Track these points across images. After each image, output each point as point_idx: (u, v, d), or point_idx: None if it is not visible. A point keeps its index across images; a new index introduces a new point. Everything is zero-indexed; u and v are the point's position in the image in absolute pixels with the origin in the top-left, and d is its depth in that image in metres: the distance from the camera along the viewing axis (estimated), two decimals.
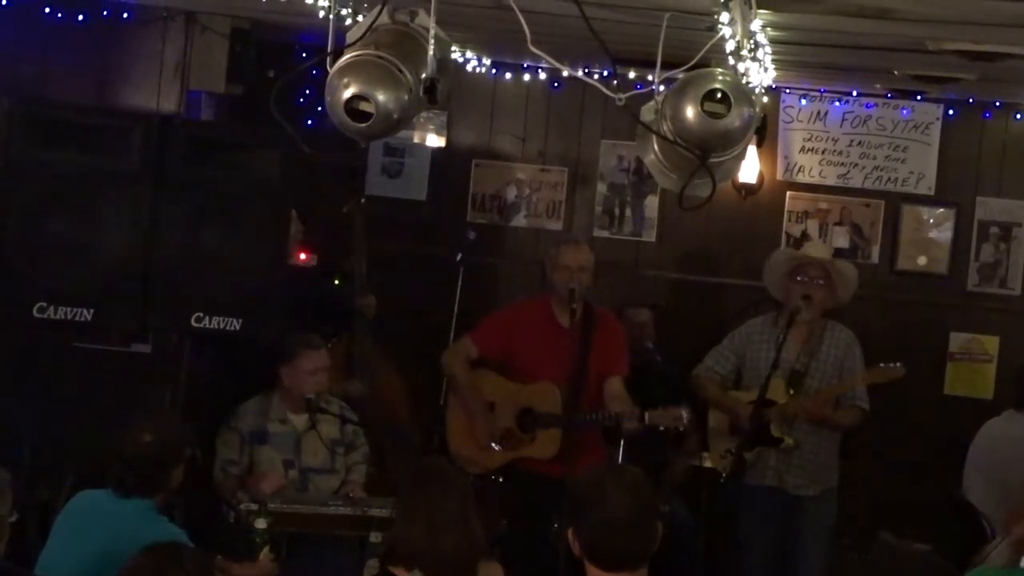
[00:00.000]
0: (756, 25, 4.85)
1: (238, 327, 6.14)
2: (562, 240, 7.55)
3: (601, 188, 9.06)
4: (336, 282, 7.75)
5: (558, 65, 4.70)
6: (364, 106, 4.29)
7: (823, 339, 7.20)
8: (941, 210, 8.80)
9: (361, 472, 6.86)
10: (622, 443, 7.20)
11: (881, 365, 7.09)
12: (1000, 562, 5.08)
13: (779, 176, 8.90)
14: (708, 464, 7.49)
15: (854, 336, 7.25)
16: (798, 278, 7.14)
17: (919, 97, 8.60)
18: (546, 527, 6.43)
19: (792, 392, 7.10)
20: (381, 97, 4.28)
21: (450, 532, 4.48)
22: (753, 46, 5.01)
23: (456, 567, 4.49)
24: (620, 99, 4.44)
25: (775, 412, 7.06)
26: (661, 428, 6.84)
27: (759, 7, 4.55)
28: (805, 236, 8.80)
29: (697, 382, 7.30)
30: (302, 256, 7.50)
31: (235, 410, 6.74)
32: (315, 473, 6.73)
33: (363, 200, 7.70)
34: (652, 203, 8.99)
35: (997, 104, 8.65)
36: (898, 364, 7.04)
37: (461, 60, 8.40)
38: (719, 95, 4.25)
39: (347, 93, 4.28)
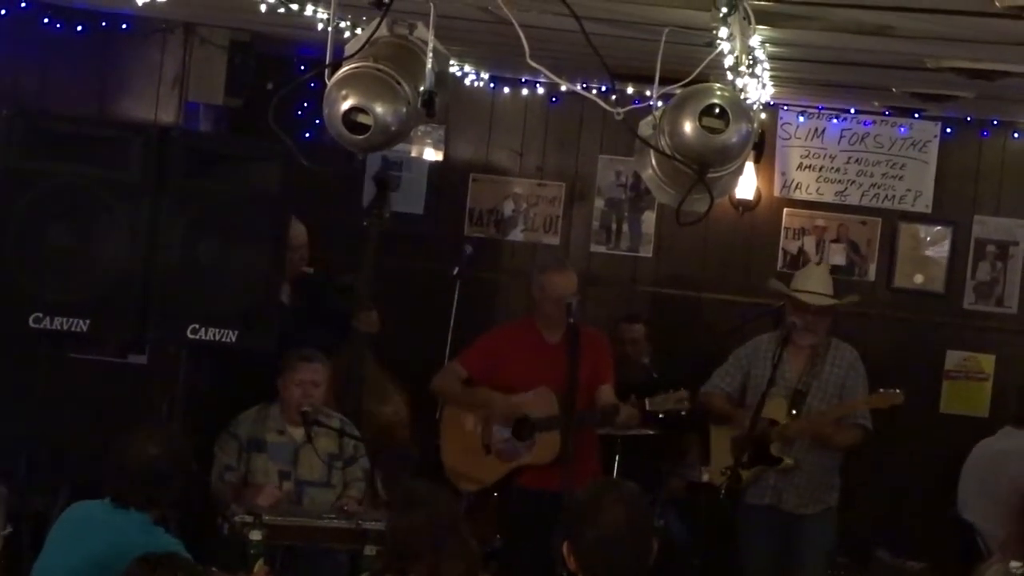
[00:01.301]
0: (755, 41, 4.86)
1: (234, 339, 6.14)
2: (547, 266, 7.32)
3: (598, 203, 9.06)
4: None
5: (556, 80, 4.70)
6: (362, 118, 4.28)
7: (826, 359, 7.19)
8: (938, 228, 8.80)
9: (360, 488, 6.83)
10: (617, 457, 7.19)
11: (881, 391, 7.08)
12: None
13: (776, 192, 8.90)
14: (706, 478, 7.48)
15: (857, 355, 7.23)
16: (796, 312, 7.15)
17: (917, 115, 8.60)
18: (543, 542, 6.41)
19: (794, 412, 7.09)
20: (379, 110, 4.27)
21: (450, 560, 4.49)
22: (752, 62, 5.02)
23: None
24: (618, 114, 4.44)
25: (776, 432, 7.05)
26: (660, 415, 6.84)
27: (758, 23, 4.55)
28: (802, 253, 8.80)
29: (704, 399, 7.29)
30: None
31: (235, 417, 6.75)
32: (311, 486, 6.72)
33: (388, 215, 7.58)
34: (649, 219, 8.99)
35: (995, 122, 8.65)
36: (898, 390, 7.03)
37: (459, 74, 8.41)
38: (717, 110, 4.24)
39: (345, 105, 4.28)
